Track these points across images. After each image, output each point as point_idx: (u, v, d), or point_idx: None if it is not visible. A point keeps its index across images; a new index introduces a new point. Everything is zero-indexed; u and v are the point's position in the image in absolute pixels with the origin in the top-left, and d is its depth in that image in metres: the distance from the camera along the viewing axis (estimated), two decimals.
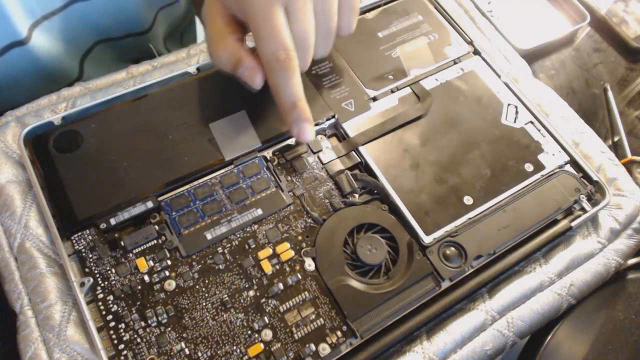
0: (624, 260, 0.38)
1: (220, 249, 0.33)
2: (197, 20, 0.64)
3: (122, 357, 0.29)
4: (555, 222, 0.36)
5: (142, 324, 0.30)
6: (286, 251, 0.33)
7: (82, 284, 0.30)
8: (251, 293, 0.32)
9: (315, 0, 0.31)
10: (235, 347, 0.30)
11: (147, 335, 0.30)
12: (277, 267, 0.33)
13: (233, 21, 0.32)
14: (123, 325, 0.30)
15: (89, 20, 0.45)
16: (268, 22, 0.30)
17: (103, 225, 0.32)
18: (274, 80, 0.31)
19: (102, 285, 0.31)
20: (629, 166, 0.43)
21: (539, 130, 0.39)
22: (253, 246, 0.33)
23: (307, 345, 0.30)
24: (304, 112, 0.32)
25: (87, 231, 0.32)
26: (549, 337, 0.36)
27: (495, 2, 0.54)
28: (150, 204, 0.33)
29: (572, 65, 0.53)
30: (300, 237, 0.34)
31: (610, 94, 0.51)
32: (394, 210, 0.35)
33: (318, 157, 0.37)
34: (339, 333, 0.31)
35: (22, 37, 0.41)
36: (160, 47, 0.54)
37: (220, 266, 0.32)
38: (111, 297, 0.30)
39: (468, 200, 0.36)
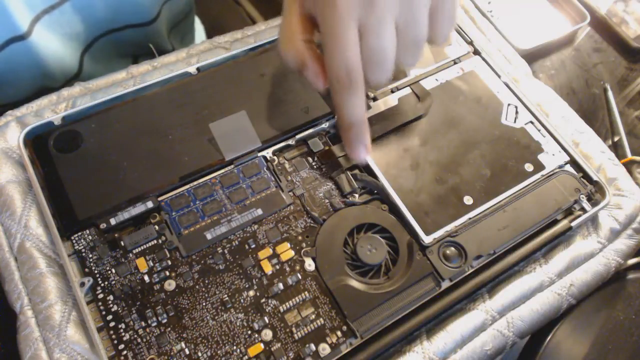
0: (624, 260, 0.38)
1: (220, 249, 0.33)
2: (197, 20, 0.64)
3: (122, 357, 0.29)
4: (555, 222, 0.36)
5: (142, 324, 0.30)
6: (286, 251, 0.33)
7: (82, 284, 0.30)
8: (251, 293, 0.32)
9: (398, 11, 0.29)
10: (235, 347, 0.30)
11: (147, 335, 0.30)
12: (277, 267, 0.33)
13: (307, 20, 0.32)
14: (123, 325, 0.30)
15: (92, 12, 0.45)
16: (336, 37, 0.29)
17: (103, 225, 0.32)
18: (334, 96, 0.31)
19: (102, 285, 0.31)
20: (629, 166, 0.43)
21: (539, 130, 0.39)
22: (253, 246, 0.33)
23: (307, 345, 0.30)
24: (359, 135, 0.32)
25: (87, 231, 0.32)
26: (549, 337, 0.36)
27: (495, 2, 0.54)
28: (150, 204, 0.33)
29: (572, 65, 0.53)
30: (300, 237, 0.34)
31: (610, 94, 0.51)
32: (394, 210, 0.35)
33: (318, 157, 0.37)
34: (339, 333, 0.31)
35: (22, 32, 0.41)
36: (163, 42, 0.54)
37: (220, 266, 0.32)
38: (111, 297, 0.30)
39: (468, 200, 0.36)
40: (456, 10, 0.32)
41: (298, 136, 0.37)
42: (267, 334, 0.30)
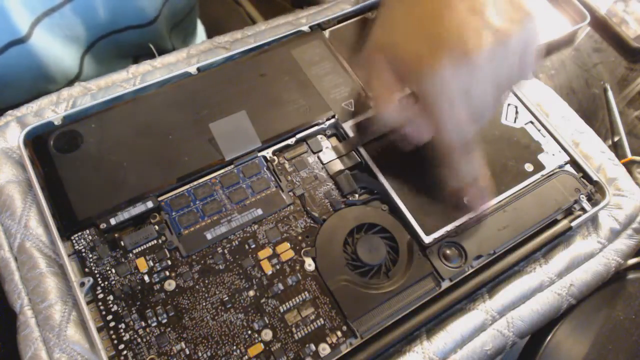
0: (624, 260, 0.38)
1: (220, 249, 0.33)
2: (198, 20, 0.64)
3: (122, 357, 0.29)
4: (555, 222, 0.36)
5: (142, 324, 0.30)
6: (286, 251, 0.33)
7: (82, 284, 0.30)
8: (251, 293, 0.32)
9: (494, 71, 0.30)
10: (235, 347, 0.30)
11: (147, 335, 0.30)
12: (277, 267, 0.33)
13: (398, 79, 0.32)
14: (123, 325, 0.30)
15: (92, 14, 0.45)
16: (449, 116, 0.30)
17: (103, 225, 0.32)
18: (453, 162, 0.33)
19: (102, 285, 0.31)
20: (629, 166, 0.43)
21: (539, 130, 0.39)
22: (253, 246, 0.33)
23: (307, 345, 0.30)
24: (484, 189, 0.34)
25: (87, 231, 0.32)
26: (549, 337, 0.36)
27: None
28: (150, 204, 0.33)
29: (572, 65, 0.53)
30: (300, 237, 0.34)
31: (610, 94, 0.51)
32: (394, 210, 0.35)
33: (318, 157, 0.37)
34: (339, 333, 0.31)
35: (22, 35, 0.41)
36: (164, 43, 0.54)
37: (220, 266, 0.32)
38: (111, 297, 0.30)
39: (468, 200, 0.36)
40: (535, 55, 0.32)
41: (298, 136, 0.37)
42: (267, 334, 0.30)
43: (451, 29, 0.29)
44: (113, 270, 0.31)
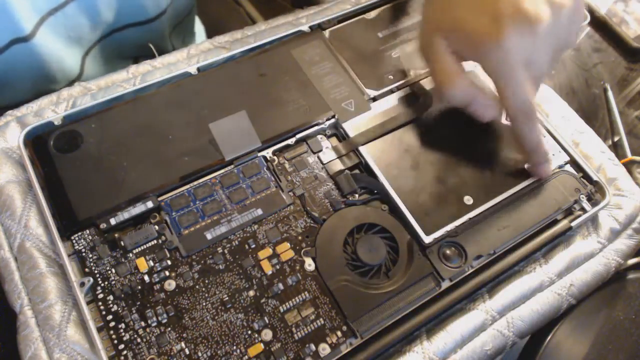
0: (624, 260, 0.38)
1: (220, 249, 0.33)
2: (198, 20, 0.64)
3: (122, 357, 0.29)
4: (555, 222, 0.36)
5: (142, 324, 0.30)
6: (286, 251, 0.33)
7: (82, 284, 0.30)
8: (251, 293, 0.32)
9: (552, 39, 0.33)
10: (235, 347, 0.30)
11: (147, 335, 0.30)
12: (277, 267, 0.33)
13: (460, 58, 0.35)
14: (123, 325, 0.30)
15: (95, 12, 0.45)
16: (514, 83, 0.32)
17: (103, 225, 0.32)
18: (519, 128, 0.35)
19: (102, 285, 0.31)
20: (629, 166, 0.43)
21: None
22: (253, 246, 0.33)
23: (307, 345, 0.30)
24: (546, 154, 0.36)
25: (87, 231, 0.32)
26: (549, 337, 0.36)
27: None
28: (150, 204, 0.33)
29: (572, 65, 0.53)
30: (300, 237, 0.34)
31: (610, 94, 0.51)
32: (394, 210, 0.35)
33: (318, 157, 0.37)
34: (339, 333, 0.31)
35: (25, 34, 0.41)
36: (164, 42, 0.54)
37: (220, 266, 0.32)
38: (111, 297, 0.30)
39: (468, 200, 0.36)
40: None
41: (298, 136, 0.37)
42: (267, 334, 0.30)
43: (511, 1, 0.31)
44: (113, 270, 0.31)
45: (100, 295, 0.30)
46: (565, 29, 0.33)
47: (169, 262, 0.32)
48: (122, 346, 0.29)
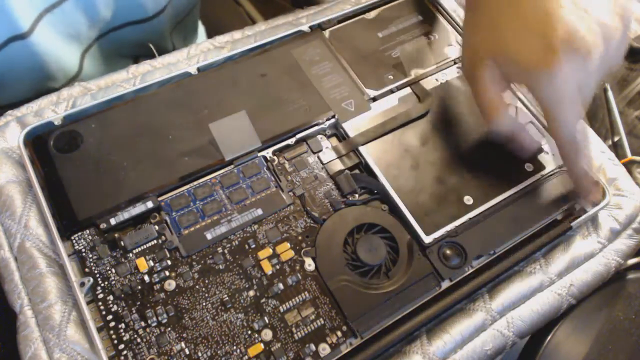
0: (624, 260, 0.38)
1: (220, 249, 0.33)
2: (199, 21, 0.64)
3: (122, 357, 0.29)
4: (555, 222, 0.36)
5: (142, 324, 0.30)
6: (286, 251, 0.33)
7: (82, 284, 0.30)
8: (251, 293, 0.32)
9: (602, 64, 0.31)
10: (235, 347, 0.30)
11: (147, 335, 0.30)
12: (277, 267, 0.33)
13: (502, 83, 0.33)
14: (123, 325, 0.30)
15: (93, 9, 0.45)
16: (565, 115, 0.31)
17: (103, 225, 0.32)
18: (568, 157, 0.34)
19: (102, 285, 0.31)
20: (629, 166, 0.43)
21: (538, 130, 0.39)
22: (253, 246, 0.33)
23: (307, 345, 0.30)
24: (593, 184, 0.35)
25: (87, 231, 0.32)
26: (549, 337, 0.36)
27: None
28: (150, 204, 0.33)
29: None
30: (300, 237, 0.34)
31: (610, 94, 0.51)
32: (394, 210, 0.35)
33: (318, 157, 0.37)
34: (339, 333, 0.31)
35: (23, 31, 0.41)
36: (164, 41, 0.54)
37: (220, 266, 0.32)
38: (111, 297, 0.30)
39: (468, 200, 0.36)
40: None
41: (298, 136, 0.37)
42: (267, 334, 0.30)
43: (564, 27, 0.30)
44: (113, 270, 0.31)
45: (100, 295, 0.30)
46: (614, 57, 0.32)
47: (169, 262, 0.32)
48: (122, 346, 0.29)
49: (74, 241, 0.32)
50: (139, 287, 0.31)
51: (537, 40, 0.30)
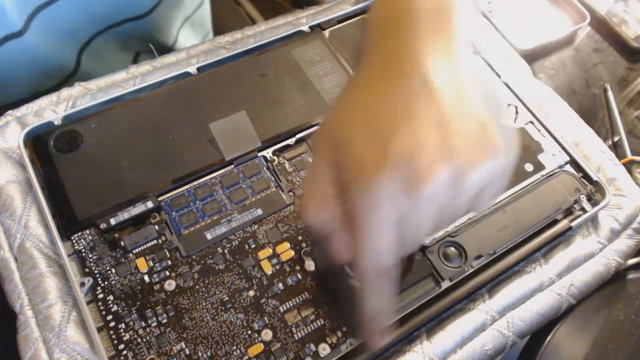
0: (624, 260, 0.38)
1: (220, 249, 0.33)
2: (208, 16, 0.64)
3: (122, 357, 0.29)
4: (555, 222, 0.36)
5: (142, 324, 0.30)
6: (286, 251, 0.33)
7: (82, 284, 0.30)
8: (251, 293, 0.32)
9: (445, 199, 0.25)
10: (235, 347, 0.30)
11: (147, 335, 0.30)
12: (277, 267, 0.33)
13: (338, 184, 0.26)
14: (123, 325, 0.30)
15: (88, 6, 0.44)
16: (374, 240, 0.25)
17: (103, 225, 0.32)
18: (362, 286, 0.27)
19: (102, 285, 0.31)
20: (629, 166, 0.43)
21: (539, 130, 0.39)
22: (253, 246, 0.33)
23: (307, 345, 0.30)
24: (380, 326, 0.28)
25: (87, 231, 0.32)
26: (549, 337, 0.36)
27: (495, 2, 0.54)
28: (150, 204, 0.33)
29: (572, 65, 0.53)
30: (300, 237, 0.34)
31: (610, 94, 0.51)
32: None
33: None
34: (339, 333, 0.31)
35: (17, 29, 0.41)
36: (163, 37, 0.54)
37: (220, 266, 0.32)
38: (111, 297, 0.30)
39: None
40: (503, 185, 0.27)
41: (298, 136, 0.37)
42: (267, 334, 0.30)
43: (406, 141, 0.24)
44: (113, 270, 0.31)
45: (100, 295, 0.30)
46: (465, 196, 0.25)
47: (169, 262, 0.32)
48: (122, 346, 0.29)
49: (74, 241, 0.32)
50: (139, 287, 0.31)
51: (371, 146, 0.25)
